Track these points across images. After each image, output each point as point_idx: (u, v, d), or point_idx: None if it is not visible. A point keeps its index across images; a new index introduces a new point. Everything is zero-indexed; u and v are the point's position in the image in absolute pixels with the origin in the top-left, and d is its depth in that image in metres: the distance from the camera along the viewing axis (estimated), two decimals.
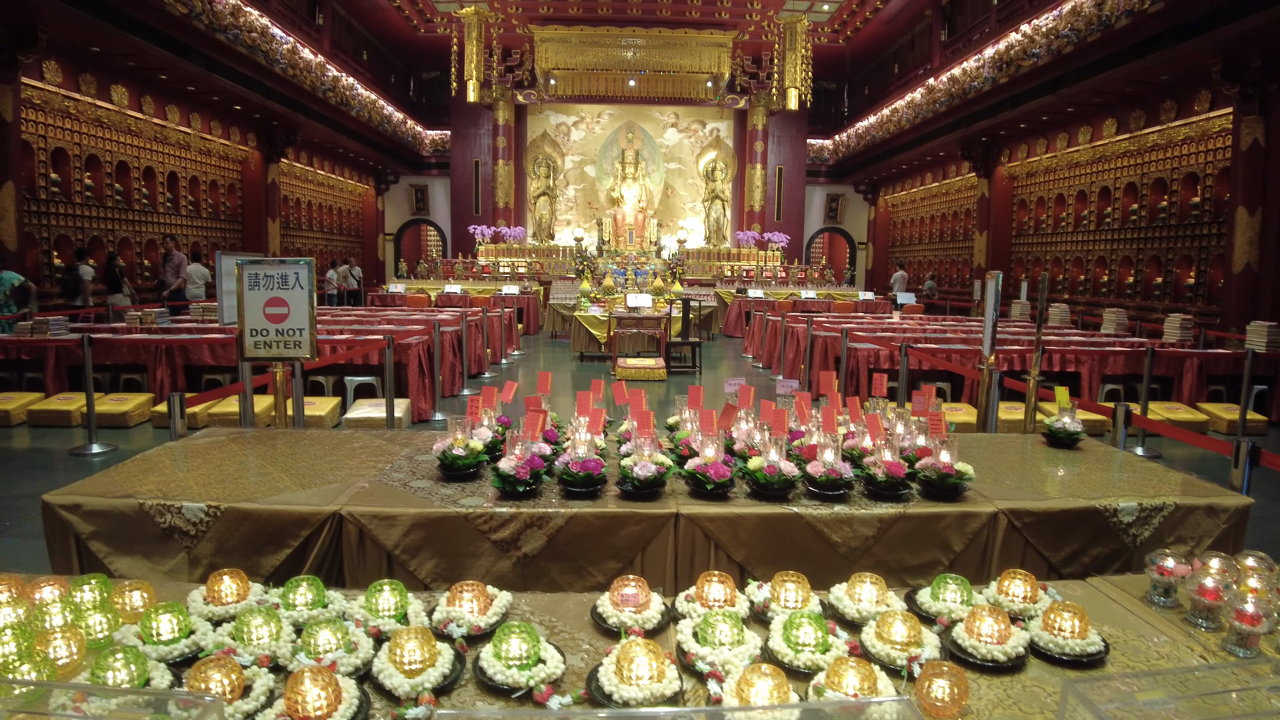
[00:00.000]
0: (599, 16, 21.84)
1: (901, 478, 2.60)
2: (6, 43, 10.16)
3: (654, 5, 21.38)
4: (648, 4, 21.32)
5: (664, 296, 12.41)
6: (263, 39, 14.54)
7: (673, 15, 21.78)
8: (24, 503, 5.14)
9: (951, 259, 21.41)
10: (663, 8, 21.47)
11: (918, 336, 9.21)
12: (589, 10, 21.59)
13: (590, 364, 11.65)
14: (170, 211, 15.26)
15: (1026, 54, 13.91)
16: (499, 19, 21.55)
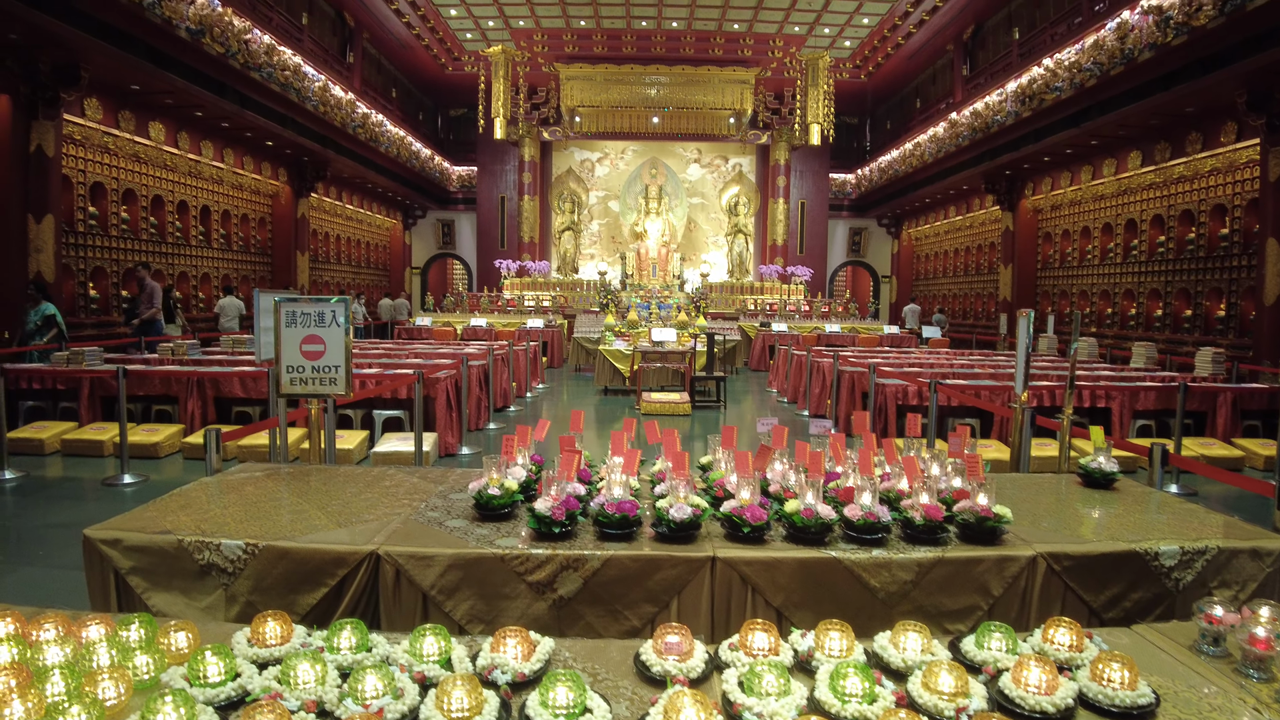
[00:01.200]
0: (623, 55, 22.19)
1: (940, 521, 2.58)
2: (50, 81, 10.50)
3: (677, 44, 21.70)
4: (671, 42, 21.64)
5: (688, 330, 12.43)
6: (295, 77, 14.89)
7: (696, 53, 22.09)
8: (56, 533, 5.19)
9: (976, 292, 21.31)
10: (686, 46, 21.78)
11: (945, 372, 9.15)
12: (613, 49, 21.94)
13: (614, 398, 11.66)
14: (202, 244, 15.56)
15: (1049, 88, 13.93)
16: (525, 57, 21.95)
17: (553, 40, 21.61)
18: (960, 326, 21.34)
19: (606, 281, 18.49)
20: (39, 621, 1.84)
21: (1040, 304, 17.83)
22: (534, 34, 21.28)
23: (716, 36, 21.37)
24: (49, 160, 10.69)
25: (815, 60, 20.82)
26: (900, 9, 19.01)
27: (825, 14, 19.56)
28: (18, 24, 9.30)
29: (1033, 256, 18.24)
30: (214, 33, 12.09)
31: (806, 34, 20.92)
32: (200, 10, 11.72)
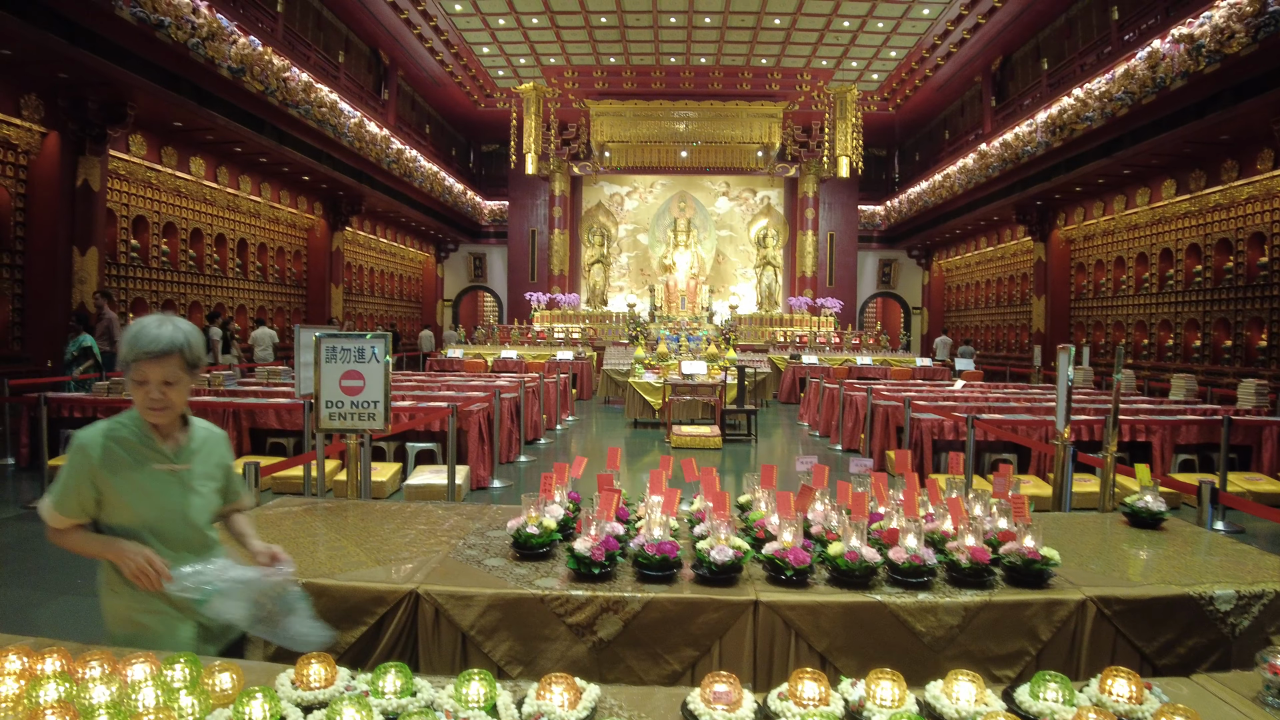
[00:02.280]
0: (652, 91, 22.46)
1: (986, 564, 2.53)
2: (97, 119, 10.88)
3: (706, 79, 21.92)
4: (700, 78, 21.87)
5: (718, 363, 12.40)
6: (331, 113, 15.23)
7: (724, 88, 22.31)
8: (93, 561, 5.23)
9: (1009, 324, 21.10)
10: (714, 81, 22.00)
11: (981, 406, 9.03)
12: (643, 85, 22.22)
13: (644, 431, 11.64)
14: (239, 277, 15.88)
15: (1080, 118, 13.87)
16: (556, 94, 22.30)
17: (583, 77, 21.94)
18: (993, 359, 21.11)
19: (635, 314, 18.55)
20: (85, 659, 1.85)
21: (1074, 335, 17.61)
22: (565, 71, 21.62)
23: (744, 71, 21.57)
24: (95, 194, 11.03)
25: (843, 93, 20.92)
26: (928, 42, 19.09)
27: (853, 48, 19.68)
28: (69, 64, 9.65)
29: (1066, 287, 18.04)
30: (254, 71, 12.44)
31: (834, 67, 21.05)
32: (241, 50, 12.06)
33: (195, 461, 2.20)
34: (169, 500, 2.14)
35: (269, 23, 14.47)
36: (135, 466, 2.10)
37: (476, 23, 18.69)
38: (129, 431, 2.12)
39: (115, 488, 2.08)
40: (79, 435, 2.11)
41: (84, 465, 2.06)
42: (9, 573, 5.01)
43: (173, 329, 2.05)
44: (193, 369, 2.11)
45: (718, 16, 18.10)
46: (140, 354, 2.00)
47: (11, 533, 5.99)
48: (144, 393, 2.05)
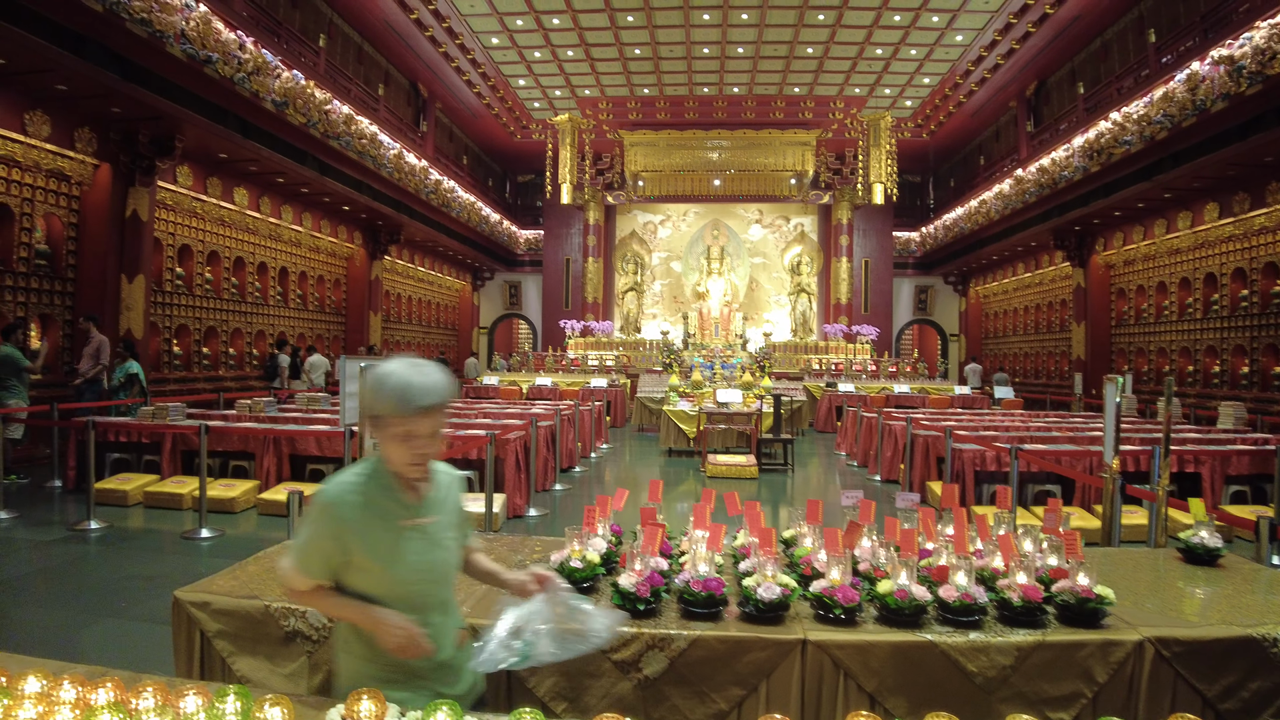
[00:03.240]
0: (685, 121, 22.63)
1: (1039, 602, 2.48)
2: (147, 151, 11.22)
3: (739, 108, 22.04)
4: (733, 107, 22.00)
5: (754, 391, 12.33)
6: (372, 145, 15.54)
7: (757, 117, 22.41)
8: (135, 584, 5.32)
9: (1048, 350, 20.79)
10: (747, 110, 22.11)
11: (1022, 435, 8.88)
12: (676, 115, 22.40)
13: (679, 459, 11.59)
14: (279, 304, 16.17)
15: (1118, 141, 13.71)
16: (591, 125, 22.56)
17: (617, 107, 22.18)
18: (1032, 386, 20.79)
19: (669, 341, 18.56)
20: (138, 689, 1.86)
21: (1116, 362, 17.29)
22: (599, 102, 21.87)
23: (777, 100, 21.65)
24: (143, 224, 11.35)
25: (877, 120, 20.91)
26: (961, 68, 19.04)
27: (886, 75, 19.69)
28: (122, 99, 9.97)
29: (1106, 313, 17.76)
30: (297, 104, 12.74)
31: (867, 95, 21.06)
32: (285, 84, 12.37)
33: (442, 512, 2.02)
34: (416, 559, 1.95)
35: (312, 57, 14.83)
36: (382, 524, 1.92)
37: (513, 55, 19.01)
38: (374, 485, 1.94)
39: (362, 548, 1.91)
40: (322, 490, 1.94)
41: (330, 523, 1.90)
42: (53, 595, 5.09)
43: (437, 375, 1.88)
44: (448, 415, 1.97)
45: (750, 47, 18.22)
46: (415, 409, 1.83)
47: (57, 554, 6.09)
48: (410, 448, 1.87)
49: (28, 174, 10.22)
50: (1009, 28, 16.69)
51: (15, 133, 9.81)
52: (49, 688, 1.67)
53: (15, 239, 10.09)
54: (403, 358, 1.92)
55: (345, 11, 16.47)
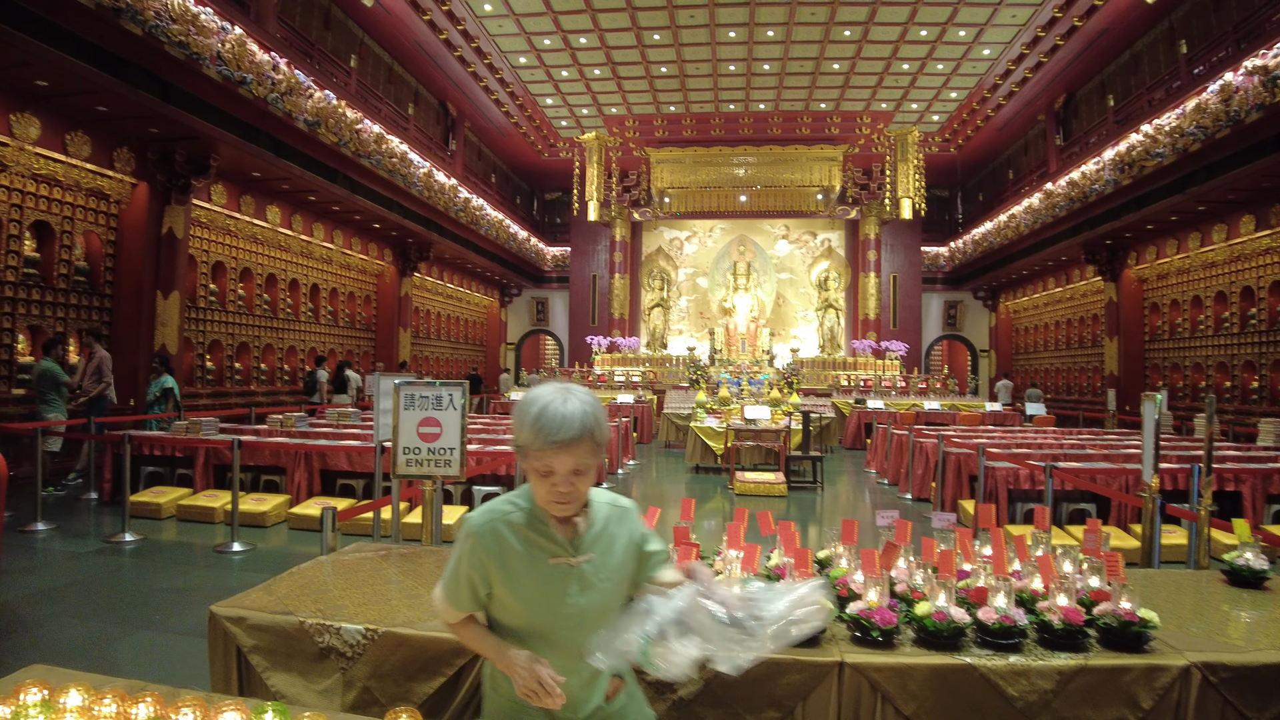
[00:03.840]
0: (711, 138, 22.71)
1: (1080, 625, 2.43)
2: (183, 170, 11.48)
3: (765, 124, 22.08)
4: (759, 123, 22.04)
5: (782, 408, 12.27)
6: (402, 164, 15.75)
7: (783, 133, 22.43)
8: (170, 597, 5.38)
9: (1080, 366, 20.51)
10: (773, 126, 22.14)
11: (1056, 453, 8.75)
12: (702, 131, 22.49)
13: (706, 476, 11.55)
14: (310, 320, 16.38)
15: (1150, 154, 13.56)
16: (617, 143, 22.72)
17: (643, 125, 22.32)
18: (1064, 402, 20.50)
19: (695, 357, 18.54)
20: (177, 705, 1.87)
21: (1150, 378, 17.03)
22: (625, 120, 22.02)
23: (803, 116, 21.68)
24: (178, 242, 11.58)
25: (904, 135, 20.86)
26: (989, 82, 18.96)
27: (912, 90, 19.66)
28: (159, 120, 10.21)
29: (1139, 328, 17.50)
30: (329, 124, 12.95)
31: (894, 110, 21.03)
32: (317, 104, 12.57)
33: (597, 550, 1.83)
34: (563, 600, 1.80)
35: (343, 77, 15.08)
36: (528, 559, 1.80)
37: (541, 75, 19.21)
38: (522, 516, 1.82)
39: (504, 582, 1.81)
40: (470, 517, 1.86)
41: (474, 554, 1.81)
42: (89, 606, 5.16)
43: (580, 406, 1.71)
44: (600, 448, 1.76)
45: (776, 64, 18.27)
46: (551, 443, 1.67)
47: (91, 566, 6.18)
48: (550, 484, 1.72)
49: (68, 193, 10.48)
50: (1037, 41, 16.61)
51: (57, 153, 10.07)
52: (90, 702, 1.69)
53: (56, 256, 10.35)
54: (554, 383, 1.79)
55: (376, 32, 16.74)
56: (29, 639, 4.48)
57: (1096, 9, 14.87)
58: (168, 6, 9.42)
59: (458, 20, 16.29)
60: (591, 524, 1.83)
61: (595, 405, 1.74)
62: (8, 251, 9.69)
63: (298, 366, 15.88)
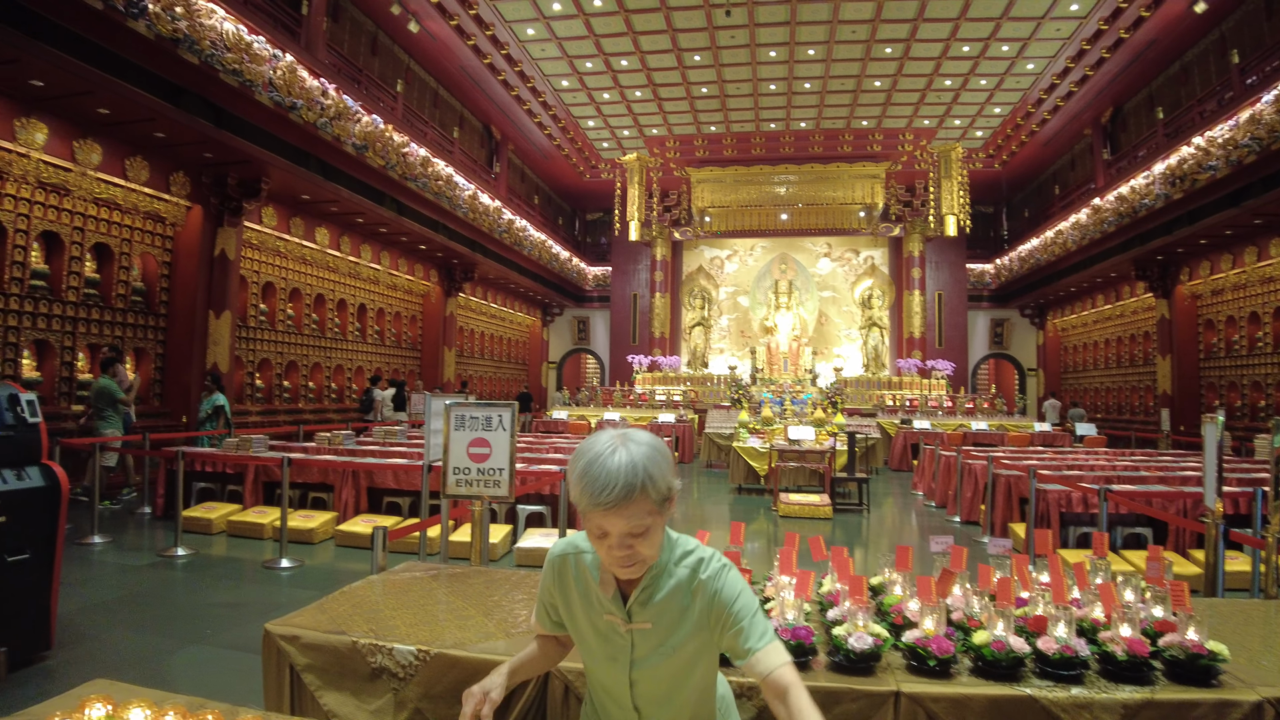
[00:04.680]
0: (752, 156, 22.74)
1: (1145, 657, 2.36)
2: (235, 193, 11.81)
3: (806, 142, 22.05)
4: (800, 142, 22.02)
5: (826, 428, 12.15)
6: (447, 186, 16.01)
7: (825, 151, 22.38)
8: (220, 612, 5.47)
9: (1132, 385, 20.03)
10: (815, 144, 22.10)
11: (1109, 475, 8.54)
12: (743, 150, 22.52)
13: (749, 497, 11.46)
14: (357, 339, 16.67)
15: (1202, 167, 13.26)
16: (658, 163, 22.86)
17: (684, 145, 22.43)
18: (1116, 423, 20.01)
19: (737, 376, 18.46)
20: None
21: (1205, 397, 16.56)
22: (666, 140, 22.15)
23: (845, 134, 21.61)
24: (230, 263, 11.90)
25: (947, 152, 20.67)
26: (1033, 96, 18.74)
27: (955, 106, 19.51)
28: (213, 145, 10.52)
29: (1194, 346, 17.04)
30: (376, 147, 13.21)
31: (936, 126, 20.87)
32: (365, 128, 12.83)
33: (659, 620, 1.64)
34: (616, 659, 1.69)
35: (390, 102, 15.39)
36: (585, 605, 1.72)
37: (582, 97, 19.41)
38: (594, 559, 1.70)
39: (568, 619, 1.77)
40: (553, 545, 1.80)
41: (546, 579, 1.78)
42: (142, 619, 5.26)
43: (628, 459, 1.51)
44: (665, 503, 1.57)
45: (817, 82, 18.25)
46: (592, 504, 1.51)
47: (145, 579, 6.31)
48: (604, 547, 1.57)
49: (127, 216, 10.87)
50: (1082, 54, 16.39)
51: (117, 177, 10.45)
52: (152, 717, 1.72)
53: (114, 277, 10.70)
54: (612, 431, 1.61)
55: (422, 58, 17.07)
56: (87, 651, 4.59)
57: (1144, 20, 14.63)
58: (223, 36, 9.72)
59: (501, 45, 16.54)
60: (656, 590, 1.64)
61: (651, 455, 1.54)
62: (69, 273, 10.04)
63: (345, 385, 16.15)
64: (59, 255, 9.99)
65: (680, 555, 1.66)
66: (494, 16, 15.54)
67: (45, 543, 4.32)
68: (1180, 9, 14.11)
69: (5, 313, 9.25)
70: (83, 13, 8.06)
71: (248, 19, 10.34)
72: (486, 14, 15.42)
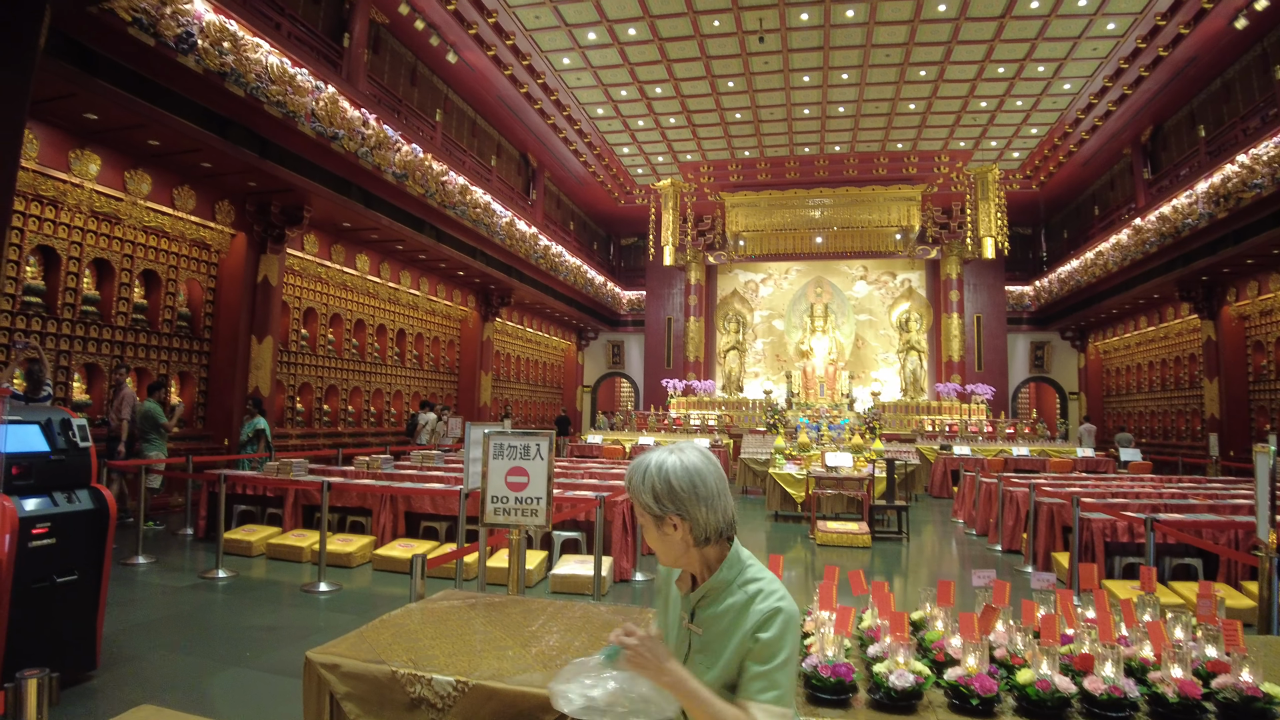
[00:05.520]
0: (786, 180, 22.75)
1: (1197, 699, 2.29)
2: (279, 221, 12.08)
3: (840, 166, 22.02)
4: (834, 165, 22.00)
5: (864, 454, 12.02)
6: (485, 214, 16.22)
7: (860, 174, 22.33)
8: (258, 635, 5.53)
9: (1178, 409, 19.55)
10: (849, 167, 22.06)
11: (1156, 503, 8.33)
12: (777, 174, 22.55)
13: (786, 525, 11.35)
14: (396, 364, 16.88)
15: (1247, 185, 12.99)
16: (692, 188, 22.97)
17: (718, 170, 22.52)
18: (1162, 448, 19.53)
19: (773, 401, 18.36)
20: None
21: (1256, 421, 16.11)
22: (700, 165, 22.28)
23: (880, 157, 21.55)
24: (273, 289, 12.14)
25: (984, 173, 20.52)
26: (1070, 116, 18.55)
27: (991, 127, 19.38)
28: (257, 174, 10.80)
29: (1242, 368, 16.60)
30: (415, 176, 13.44)
31: (973, 148, 20.74)
32: (405, 157, 13.07)
33: (707, 629, 1.72)
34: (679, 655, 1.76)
35: (429, 131, 15.66)
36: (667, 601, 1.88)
37: (617, 125, 19.61)
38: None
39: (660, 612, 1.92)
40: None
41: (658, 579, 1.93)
42: (183, 641, 5.35)
43: (644, 462, 1.74)
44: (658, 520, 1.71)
45: (851, 105, 18.25)
46: (634, 499, 1.74)
47: (187, 601, 6.42)
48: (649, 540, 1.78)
49: (174, 243, 11.17)
50: (1120, 73, 16.21)
51: (166, 206, 10.78)
52: None
53: (161, 302, 11.00)
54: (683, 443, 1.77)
55: (460, 88, 17.36)
56: (130, 671, 4.67)
57: (1183, 38, 14.44)
58: (268, 69, 9.99)
59: (538, 74, 16.79)
60: (716, 601, 1.71)
61: (660, 473, 1.68)
62: (119, 298, 10.33)
63: (383, 409, 16.34)
64: (109, 281, 10.29)
65: (745, 579, 1.72)
66: (530, 46, 15.79)
67: (93, 564, 4.43)
68: (1220, 25, 13.91)
69: (58, 337, 9.53)
70: (136, 49, 8.37)
71: (291, 52, 10.63)
72: (523, 44, 15.67)
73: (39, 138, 9.04)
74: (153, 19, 8.33)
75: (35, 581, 4.07)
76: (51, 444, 4.34)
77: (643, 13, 14.33)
